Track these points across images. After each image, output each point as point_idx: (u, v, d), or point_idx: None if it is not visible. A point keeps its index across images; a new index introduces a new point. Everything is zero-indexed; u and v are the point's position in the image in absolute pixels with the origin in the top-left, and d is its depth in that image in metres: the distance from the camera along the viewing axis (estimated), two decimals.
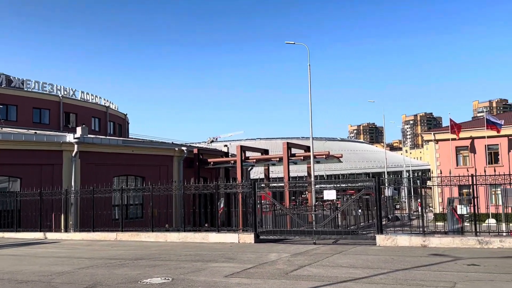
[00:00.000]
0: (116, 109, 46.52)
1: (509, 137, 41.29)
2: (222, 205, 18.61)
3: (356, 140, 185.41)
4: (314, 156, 28.91)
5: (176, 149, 29.00)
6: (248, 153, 31.11)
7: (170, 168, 28.40)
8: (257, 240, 14.85)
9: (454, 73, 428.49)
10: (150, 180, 21.28)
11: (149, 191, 17.19)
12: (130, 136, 47.12)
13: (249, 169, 35.51)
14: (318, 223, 17.57)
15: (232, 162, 30.36)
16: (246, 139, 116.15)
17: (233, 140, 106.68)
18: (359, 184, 16.08)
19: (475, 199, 13.48)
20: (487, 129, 39.34)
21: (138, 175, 26.94)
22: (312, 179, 27.47)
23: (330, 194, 15.57)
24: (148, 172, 26.78)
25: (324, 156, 29.49)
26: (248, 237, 14.86)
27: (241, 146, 29.68)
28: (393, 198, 49.26)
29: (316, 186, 19.78)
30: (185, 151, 28.91)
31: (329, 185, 16.70)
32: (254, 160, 30.16)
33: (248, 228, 15.29)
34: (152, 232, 16.84)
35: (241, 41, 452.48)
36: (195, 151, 30.30)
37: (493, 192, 30.95)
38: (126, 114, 49.23)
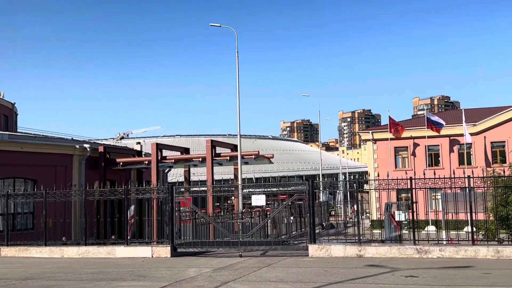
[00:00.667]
0: (1, 97, 43.68)
1: (451, 138, 44.18)
2: (132, 213, 18.15)
3: (289, 138, 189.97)
4: (242, 156, 29.10)
5: (77, 146, 27.77)
6: (165, 152, 30.59)
7: (69, 169, 27.16)
8: (175, 253, 14.68)
9: (394, 68, 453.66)
10: (43, 183, 20.18)
11: (42, 197, 16.44)
12: (19, 131, 44.36)
13: (166, 170, 34.95)
14: (245, 233, 17.69)
15: (146, 162, 29.73)
16: (164, 136, 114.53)
17: (147, 137, 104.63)
18: (291, 188, 16.41)
19: (414, 205, 14.27)
20: (427, 128, 41.89)
21: (29, 177, 25.47)
22: (239, 182, 27.64)
23: (259, 200, 15.72)
24: (41, 174, 25.40)
25: (253, 157, 29.77)
26: (164, 251, 14.63)
27: (157, 144, 29.14)
28: (328, 203, 51.02)
29: (244, 190, 19.91)
30: (88, 149, 27.78)
31: (258, 190, 16.85)
32: (173, 161, 29.77)
33: (164, 240, 15.05)
34: (46, 247, 16.07)
35: (162, 29, 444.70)
36: (101, 149, 29.23)
37: (433, 197, 33.15)
38: (14, 104, 46.35)
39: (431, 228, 21.13)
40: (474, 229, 14.61)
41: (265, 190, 16.52)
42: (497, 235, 14.88)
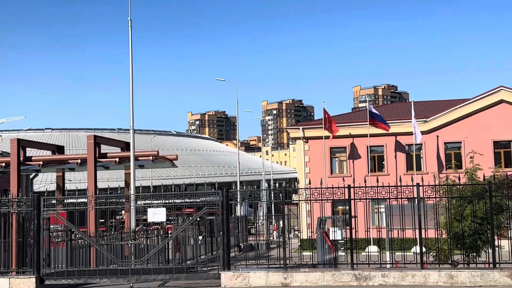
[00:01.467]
0: None
1: (397, 137, 45.79)
2: None
3: (199, 135, 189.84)
4: (136, 158, 28.66)
5: None
6: (31, 152, 29.49)
7: None
8: (42, 287, 14.21)
9: (332, 51, 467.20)
10: None
11: None
12: None
13: (31, 176, 33.68)
14: (138, 258, 17.41)
15: (4, 164, 28.50)
16: (29, 130, 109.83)
17: (6, 131, 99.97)
18: (200, 199, 16.36)
19: (353, 220, 14.74)
20: (370, 125, 43.19)
21: None
22: (132, 191, 27.16)
23: (157, 215, 15.57)
24: None
25: (151, 158, 29.42)
26: (26, 283, 14.15)
27: (19, 140, 28.07)
28: (247, 218, 51.43)
29: (138, 202, 19.56)
30: None
31: (157, 201, 16.67)
32: (41, 163, 28.79)
33: (26, 269, 14.58)
34: None
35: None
36: None
37: (375, 210, 34.31)
38: None
39: (373, 249, 21.94)
40: (424, 249, 15.34)
41: (166, 201, 16.36)
42: (451, 257, 15.71)
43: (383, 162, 46.26)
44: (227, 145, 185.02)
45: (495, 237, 16.01)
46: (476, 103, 44.76)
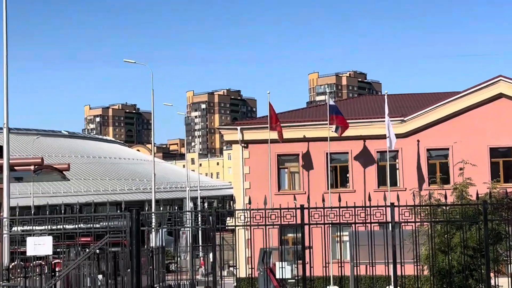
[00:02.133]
0: None
1: (366, 141, 45.67)
2: None
3: (100, 137, 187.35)
4: (12, 167, 28.08)
5: None
6: None
7: None
8: None
9: (282, 31, 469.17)
10: None
11: None
12: None
13: None
14: None
15: None
16: None
17: None
18: (101, 224, 16.09)
19: (307, 251, 14.77)
20: (330, 125, 43.13)
21: None
22: (5, 213, 26.57)
23: (41, 246, 15.28)
24: None
25: (32, 168, 28.92)
26: None
27: None
28: (165, 250, 50.74)
29: (13, 228, 19.12)
30: None
31: (41, 227, 16.35)
32: None
33: None
34: None
35: None
36: None
37: (336, 239, 34.32)
38: None
39: None
40: None
41: (53, 228, 16.04)
42: None
43: (347, 175, 46.37)
44: (138, 150, 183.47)
45: (491, 274, 16.26)
46: (468, 98, 44.92)
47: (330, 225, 15.42)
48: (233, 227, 16.73)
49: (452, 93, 47.11)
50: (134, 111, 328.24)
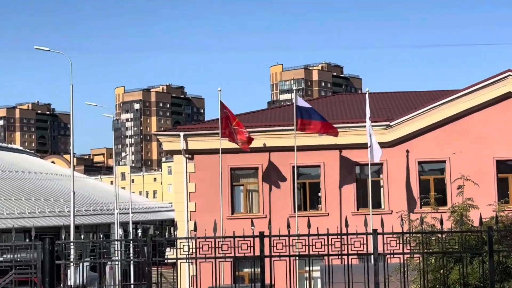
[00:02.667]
0: None
1: (342, 152, 45.53)
2: None
3: (5, 145, 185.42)
4: None
5: None
6: None
7: None
8: None
9: (237, 9, 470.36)
10: None
11: None
12: None
13: None
14: None
15: None
16: None
17: None
18: (5, 257, 15.95)
19: None
20: (298, 131, 43.08)
21: None
22: None
23: None
24: None
25: None
26: None
27: None
28: None
29: None
30: None
31: None
32: None
33: None
34: None
35: None
36: None
37: (305, 275, 34.38)
38: None
39: None
40: None
41: None
42: None
43: (319, 194, 46.44)
44: (53, 162, 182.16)
45: None
46: (469, 99, 44.82)
47: (297, 258, 15.47)
48: (174, 260, 16.70)
49: (450, 92, 47.23)
50: (48, 113, 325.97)
